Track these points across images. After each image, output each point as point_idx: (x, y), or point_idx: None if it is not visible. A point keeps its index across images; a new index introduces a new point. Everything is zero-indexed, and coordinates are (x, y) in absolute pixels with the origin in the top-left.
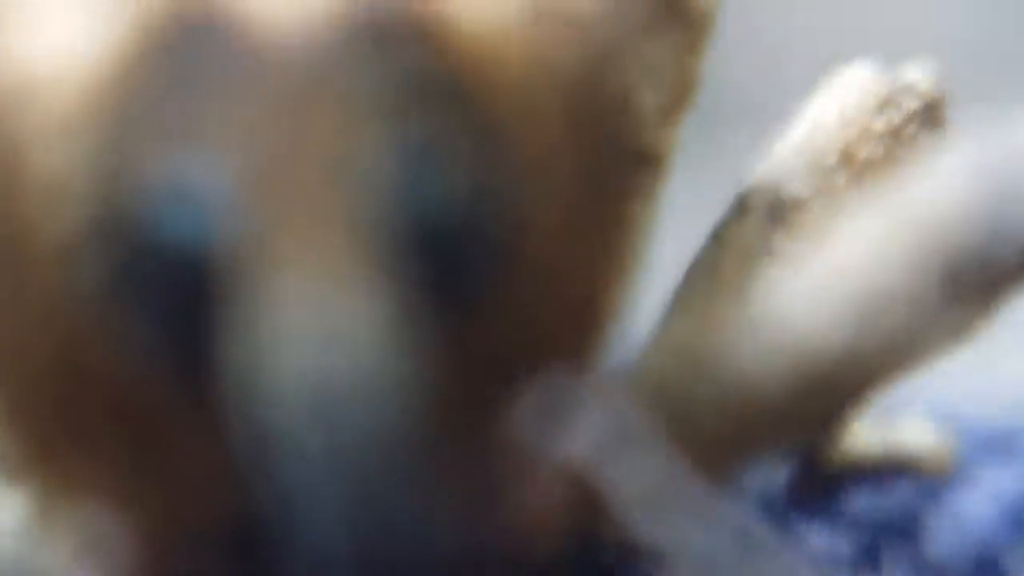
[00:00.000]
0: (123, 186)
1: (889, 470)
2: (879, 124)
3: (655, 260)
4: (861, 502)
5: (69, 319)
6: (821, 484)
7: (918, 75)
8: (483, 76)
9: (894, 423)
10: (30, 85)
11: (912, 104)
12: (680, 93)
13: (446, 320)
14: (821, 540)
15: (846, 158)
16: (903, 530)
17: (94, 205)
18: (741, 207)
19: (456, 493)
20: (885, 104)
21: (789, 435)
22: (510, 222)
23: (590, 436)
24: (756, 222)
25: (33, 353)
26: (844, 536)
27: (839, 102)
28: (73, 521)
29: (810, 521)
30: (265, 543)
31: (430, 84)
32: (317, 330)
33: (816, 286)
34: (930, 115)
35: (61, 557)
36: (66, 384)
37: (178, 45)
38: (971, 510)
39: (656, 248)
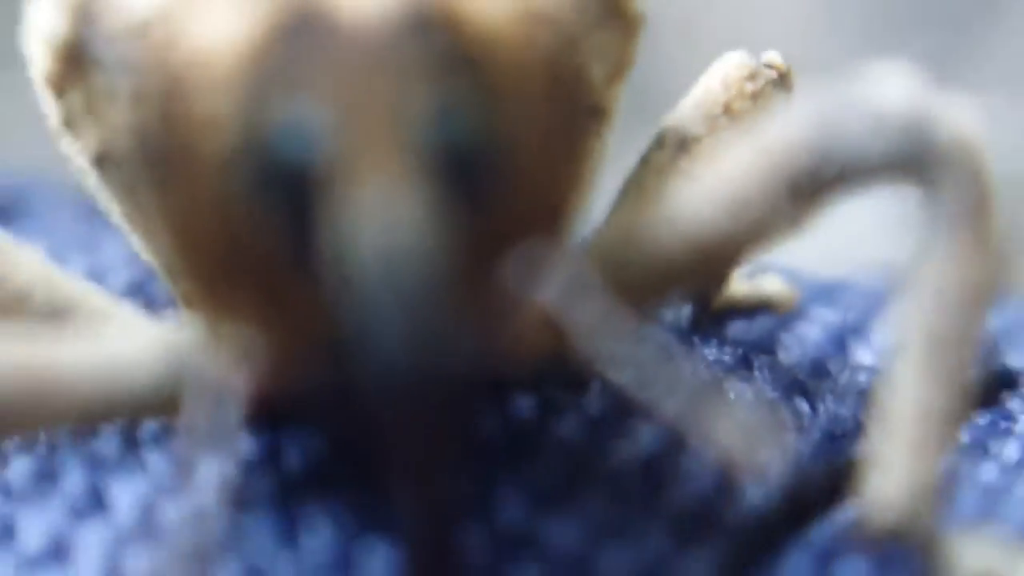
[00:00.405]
0: (260, 121)
1: (755, 308)
2: (749, 87)
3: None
4: (737, 328)
5: (225, 207)
6: (711, 317)
7: (775, 56)
8: (489, 53)
9: (758, 277)
10: (201, 52)
11: (770, 74)
12: (620, 67)
13: (465, 211)
14: (711, 353)
15: (727, 110)
16: (765, 347)
17: (242, 134)
18: (659, 141)
19: (469, 318)
20: (752, 75)
21: (688, 285)
22: (507, 150)
23: (558, 285)
24: (669, 151)
25: (204, 228)
26: (727, 351)
27: (723, 73)
28: (228, 339)
29: (704, 341)
30: (349, 352)
31: (455, 59)
32: (382, 215)
33: (706, 192)
34: (782, 82)
35: (221, 361)
36: (224, 248)
37: (295, 27)
38: (808, 334)
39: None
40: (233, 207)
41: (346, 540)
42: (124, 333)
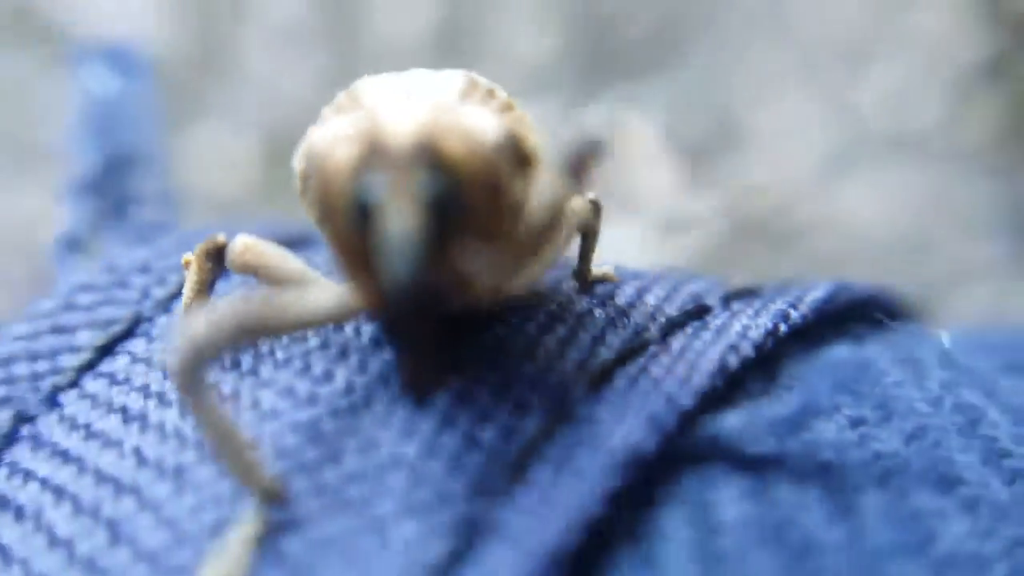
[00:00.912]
0: (356, 190)
1: (601, 280)
2: None
3: None
4: (600, 290)
5: (345, 228)
6: (585, 285)
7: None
8: (456, 164)
9: (603, 267)
10: (335, 165)
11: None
12: (528, 179)
13: (444, 232)
14: (584, 307)
15: None
16: (607, 297)
17: (350, 197)
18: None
19: (443, 278)
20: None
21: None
22: (462, 204)
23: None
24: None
25: (339, 239)
26: (596, 304)
27: None
28: (355, 288)
29: (581, 299)
30: (386, 291)
31: (439, 165)
32: (402, 228)
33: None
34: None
35: (356, 298)
36: (347, 246)
37: (370, 151)
38: (630, 294)
39: None
40: (347, 228)
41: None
42: (326, 289)
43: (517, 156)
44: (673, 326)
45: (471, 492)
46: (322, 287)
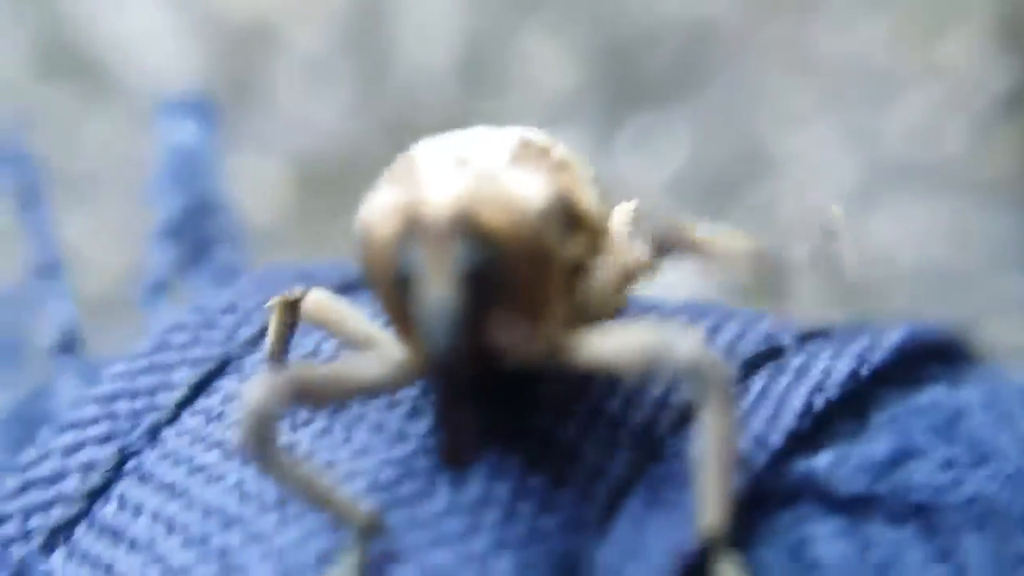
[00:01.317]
0: (399, 260)
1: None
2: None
3: None
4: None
5: (389, 293)
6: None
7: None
8: (494, 236)
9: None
10: (379, 237)
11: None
12: (592, 246)
13: (485, 301)
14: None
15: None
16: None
17: (393, 265)
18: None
19: (477, 346)
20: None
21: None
22: (498, 277)
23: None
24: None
25: (387, 303)
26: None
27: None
28: (407, 356)
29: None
30: (427, 354)
31: (476, 236)
32: (440, 298)
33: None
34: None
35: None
36: (394, 313)
37: (409, 224)
38: (703, 332)
39: None
40: (391, 299)
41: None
42: (385, 355)
43: (568, 219)
44: (751, 367)
45: (564, 529)
46: (382, 352)
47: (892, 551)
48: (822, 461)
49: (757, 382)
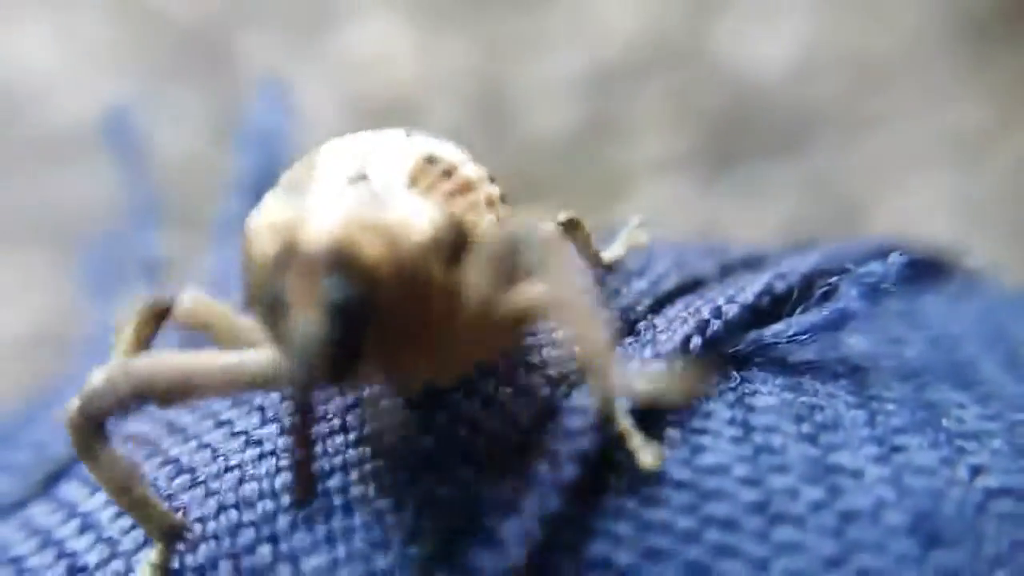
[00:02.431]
0: (274, 283)
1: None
2: None
3: None
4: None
5: (263, 315)
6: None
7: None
8: (377, 273)
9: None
10: (260, 258)
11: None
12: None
13: (356, 334)
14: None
15: None
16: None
17: (269, 286)
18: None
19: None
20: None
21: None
22: (389, 308)
23: None
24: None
25: (259, 319)
26: None
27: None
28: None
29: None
30: (291, 364)
31: (357, 274)
32: (306, 335)
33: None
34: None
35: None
36: (265, 316)
37: (286, 251)
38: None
39: None
40: (263, 318)
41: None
42: (260, 351)
43: (459, 246)
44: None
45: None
46: (250, 354)
47: (822, 399)
48: (772, 330)
49: (736, 276)
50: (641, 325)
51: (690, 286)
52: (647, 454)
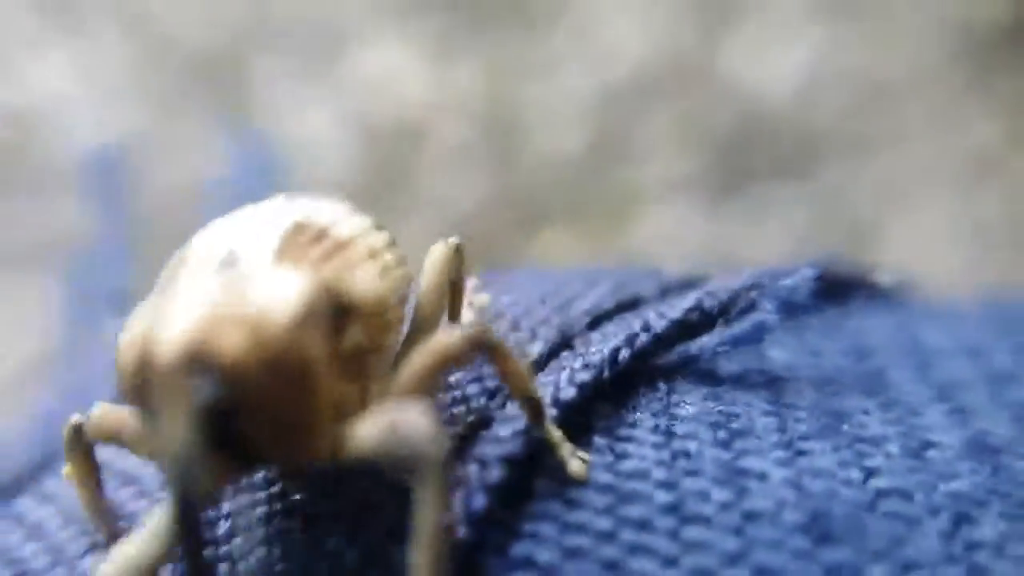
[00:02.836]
0: (141, 390)
1: None
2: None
3: None
4: None
5: (139, 423)
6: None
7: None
8: (239, 369)
9: None
10: (120, 350)
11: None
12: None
13: (213, 430)
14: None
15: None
16: None
17: (137, 394)
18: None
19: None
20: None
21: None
22: (236, 409)
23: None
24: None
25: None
26: None
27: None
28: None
29: None
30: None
31: (218, 373)
32: (174, 445)
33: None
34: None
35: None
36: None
37: (144, 359)
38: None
39: None
40: (140, 425)
41: None
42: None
43: (338, 310)
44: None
45: None
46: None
47: (740, 407)
48: (698, 343)
49: (673, 296)
50: (577, 340)
51: (628, 305)
52: (575, 463)
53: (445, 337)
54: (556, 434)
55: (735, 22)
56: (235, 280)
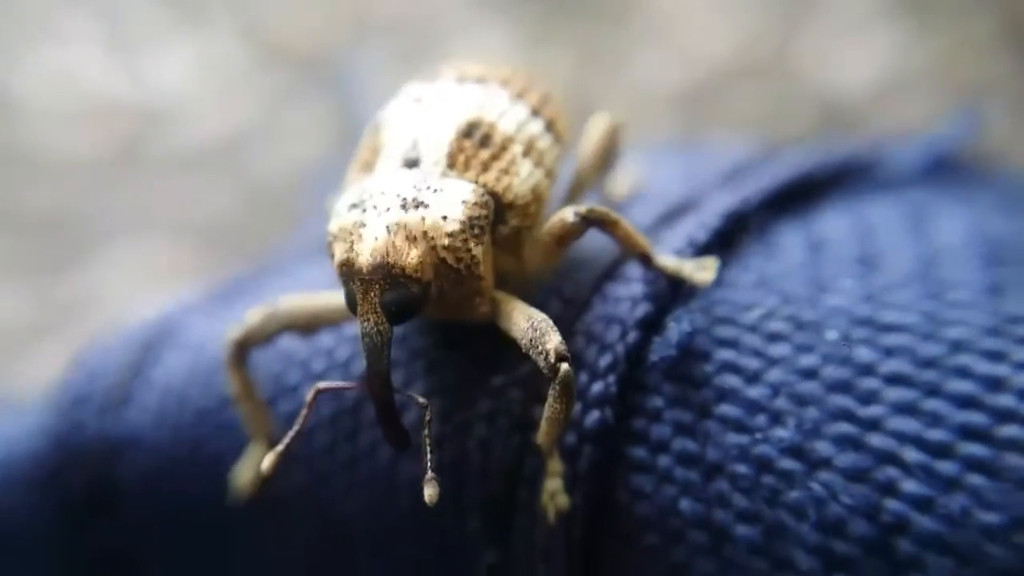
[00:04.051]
0: (343, 282)
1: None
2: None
3: None
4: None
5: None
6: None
7: None
8: (418, 275)
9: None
10: (330, 242)
11: None
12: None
13: (408, 313)
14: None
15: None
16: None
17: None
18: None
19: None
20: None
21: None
22: (423, 298)
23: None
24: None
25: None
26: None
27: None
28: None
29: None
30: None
31: (401, 278)
32: (367, 332)
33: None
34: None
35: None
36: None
37: (348, 266)
38: None
39: None
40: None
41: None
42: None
43: (498, 208)
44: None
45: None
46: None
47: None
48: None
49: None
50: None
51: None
52: (701, 275)
53: (564, 215)
54: (672, 262)
55: (815, 19)
56: (415, 185)
